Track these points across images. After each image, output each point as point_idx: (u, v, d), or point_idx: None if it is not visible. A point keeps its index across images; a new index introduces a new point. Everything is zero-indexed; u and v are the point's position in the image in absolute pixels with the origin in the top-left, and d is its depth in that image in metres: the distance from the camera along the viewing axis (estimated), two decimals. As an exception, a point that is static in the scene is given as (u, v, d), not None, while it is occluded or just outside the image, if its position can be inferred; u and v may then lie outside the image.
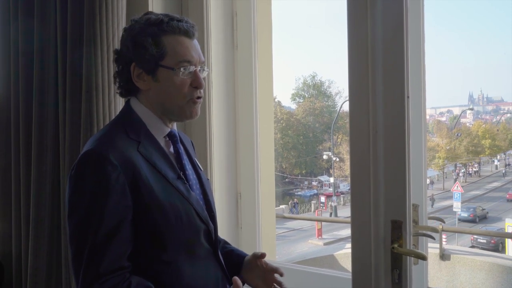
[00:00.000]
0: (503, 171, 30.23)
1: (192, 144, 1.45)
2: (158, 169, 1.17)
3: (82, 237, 1.08)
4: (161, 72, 1.20)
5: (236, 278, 1.19)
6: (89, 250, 1.06)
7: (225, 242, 1.47)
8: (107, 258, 1.07)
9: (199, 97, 1.24)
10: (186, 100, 1.22)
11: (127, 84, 1.24)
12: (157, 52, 1.18)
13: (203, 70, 1.27)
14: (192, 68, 1.21)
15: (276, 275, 1.35)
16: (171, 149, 1.28)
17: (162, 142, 1.26)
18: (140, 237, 1.13)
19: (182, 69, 1.20)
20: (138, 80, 1.22)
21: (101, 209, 1.08)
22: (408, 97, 1.28)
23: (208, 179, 1.39)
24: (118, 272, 1.08)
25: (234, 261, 1.39)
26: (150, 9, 1.88)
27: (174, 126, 1.31)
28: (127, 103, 1.27)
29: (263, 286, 1.35)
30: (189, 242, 1.21)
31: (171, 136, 1.28)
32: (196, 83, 1.22)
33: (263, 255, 1.35)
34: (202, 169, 1.40)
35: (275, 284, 1.34)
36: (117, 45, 1.71)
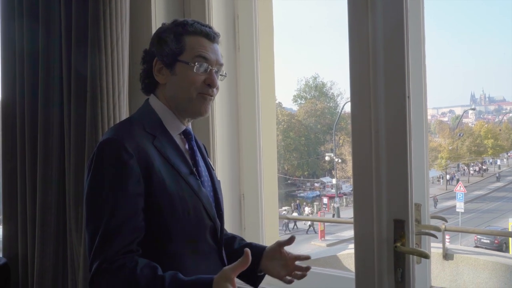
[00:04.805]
0: (497, 175, 29.81)
1: (205, 148, 1.50)
2: (171, 163, 1.21)
3: (98, 221, 1.10)
4: (178, 66, 1.26)
5: (247, 249, 1.08)
6: (102, 233, 1.09)
7: (241, 239, 1.48)
8: (118, 243, 1.09)
9: (210, 95, 1.28)
10: (197, 93, 1.27)
11: (148, 79, 1.31)
12: (176, 48, 1.26)
13: (220, 72, 1.33)
14: (206, 66, 1.27)
15: (298, 262, 1.36)
16: (186, 147, 1.33)
17: (177, 139, 1.30)
18: (148, 227, 1.16)
19: (197, 64, 1.26)
20: (158, 74, 1.29)
21: (118, 194, 1.11)
22: (408, 97, 1.30)
23: (219, 180, 1.42)
24: (127, 255, 1.10)
25: (253, 252, 1.35)
26: (153, 13, 1.89)
27: (189, 126, 1.36)
28: (146, 101, 1.33)
29: (284, 274, 1.36)
30: (194, 237, 1.23)
31: (186, 134, 1.33)
32: (209, 81, 1.27)
33: (291, 240, 1.34)
34: (214, 169, 1.44)
35: (296, 272, 1.35)
36: (121, 48, 1.75)
